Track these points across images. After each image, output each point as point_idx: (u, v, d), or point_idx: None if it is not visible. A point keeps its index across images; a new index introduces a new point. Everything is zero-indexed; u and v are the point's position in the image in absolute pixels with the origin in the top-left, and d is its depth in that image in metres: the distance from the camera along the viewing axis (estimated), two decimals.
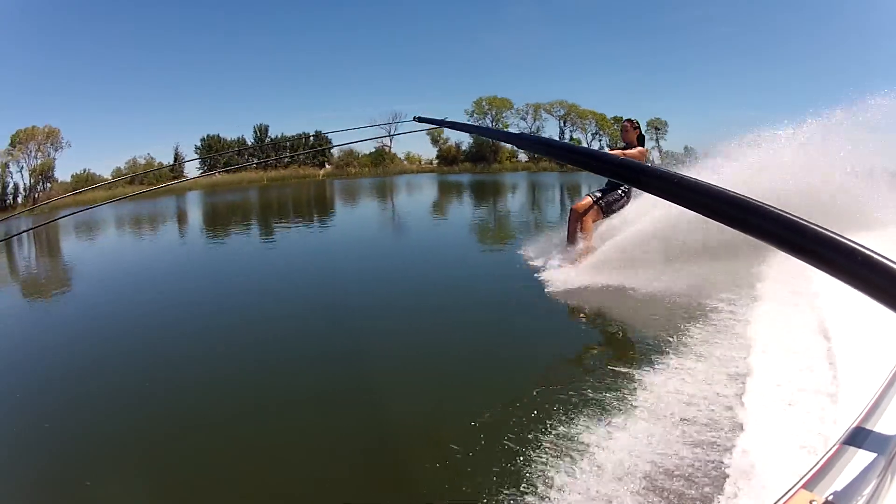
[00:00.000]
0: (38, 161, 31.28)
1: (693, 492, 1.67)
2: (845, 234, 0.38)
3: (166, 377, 3.08)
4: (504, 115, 35.82)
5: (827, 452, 0.61)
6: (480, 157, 36.62)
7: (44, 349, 3.75)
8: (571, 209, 5.14)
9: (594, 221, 4.98)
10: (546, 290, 4.18)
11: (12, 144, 31.02)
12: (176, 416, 2.57)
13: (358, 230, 10.11)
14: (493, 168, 35.67)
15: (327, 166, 34.99)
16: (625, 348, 2.87)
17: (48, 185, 30.80)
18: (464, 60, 43.47)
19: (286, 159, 31.86)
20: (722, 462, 1.79)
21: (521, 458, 1.93)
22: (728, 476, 1.70)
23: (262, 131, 35.05)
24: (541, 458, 1.93)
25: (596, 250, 4.70)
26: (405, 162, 38.28)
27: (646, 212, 4.67)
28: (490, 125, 33.59)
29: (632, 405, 2.23)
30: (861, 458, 0.59)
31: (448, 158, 37.45)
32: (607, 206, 5.06)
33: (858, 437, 0.63)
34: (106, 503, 1.96)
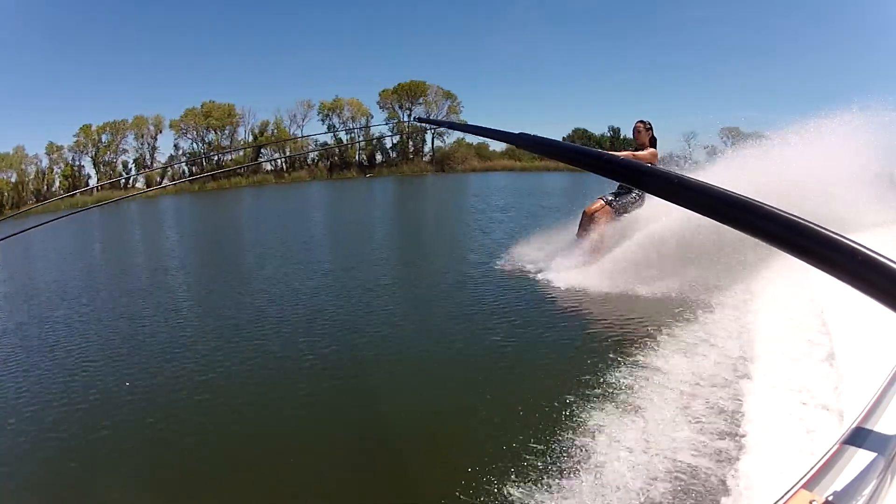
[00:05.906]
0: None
1: (694, 491, 1.67)
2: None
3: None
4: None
5: (827, 452, 0.61)
6: None
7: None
8: (584, 212, 5.02)
9: (606, 224, 4.84)
10: (553, 292, 4.15)
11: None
12: (185, 417, 2.60)
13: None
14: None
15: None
16: (625, 350, 2.87)
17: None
18: (464, 60, 43.47)
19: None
20: (723, 462, 1.79)
21: (523, 458, 1.93)
22: (729, 476, 1.71)
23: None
24: (541, 457, 1.93)
25: (607, 253, 4.57)
26: None
27: (660, 214, 4.49)
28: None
29: (632, 406, 2.23)
30: (861, 458, 0.59)
31: None
32: (621, 208, 4.90)
33: (858, 436, 0.62)
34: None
